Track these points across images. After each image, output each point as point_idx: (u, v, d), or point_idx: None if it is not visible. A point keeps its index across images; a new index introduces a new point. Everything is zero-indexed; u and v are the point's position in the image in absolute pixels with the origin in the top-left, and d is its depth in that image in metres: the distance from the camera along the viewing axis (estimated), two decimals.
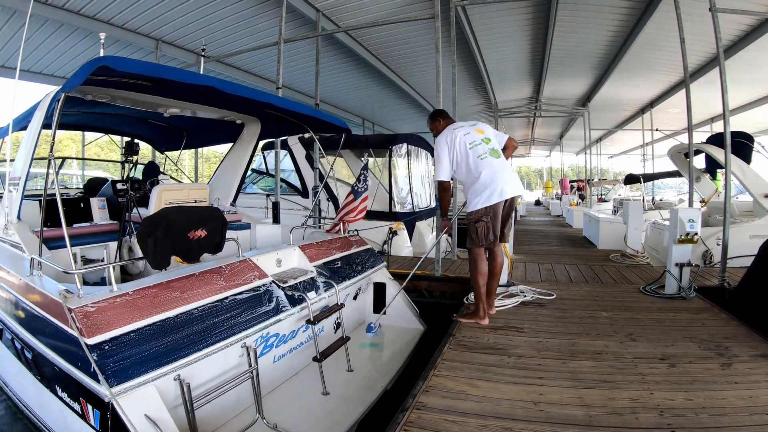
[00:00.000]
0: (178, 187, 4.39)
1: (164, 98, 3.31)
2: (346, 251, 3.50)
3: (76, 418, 1.78)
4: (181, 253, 2.28)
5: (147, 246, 2.10)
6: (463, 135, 3.39)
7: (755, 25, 7.39)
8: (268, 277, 2.57)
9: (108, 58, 2.06)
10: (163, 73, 2.46)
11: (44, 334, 1.93)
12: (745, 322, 3.28)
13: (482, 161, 3.30)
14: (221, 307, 2.18)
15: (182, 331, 1.94)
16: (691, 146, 5.38)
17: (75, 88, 2.13)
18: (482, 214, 3.27)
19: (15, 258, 2.57)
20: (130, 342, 1.76)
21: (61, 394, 1.87)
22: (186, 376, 1.86)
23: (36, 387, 2.11)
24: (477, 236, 3.28)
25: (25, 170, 2.70)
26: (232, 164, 4.49)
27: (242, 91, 2.88)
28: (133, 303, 1.89)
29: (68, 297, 1.83)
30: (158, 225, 2.13)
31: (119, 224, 3.85)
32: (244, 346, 2.19)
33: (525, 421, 2.02)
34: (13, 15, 6.86)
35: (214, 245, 2.41)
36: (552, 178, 33.80)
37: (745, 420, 1.98)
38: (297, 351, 2.77)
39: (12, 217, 2.76)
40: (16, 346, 2.21)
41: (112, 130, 5.31)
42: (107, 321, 1.76)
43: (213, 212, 2.52)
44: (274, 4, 7.20)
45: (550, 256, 6.70)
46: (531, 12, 8.14)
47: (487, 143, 3.38)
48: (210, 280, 2.27)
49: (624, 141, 22.77)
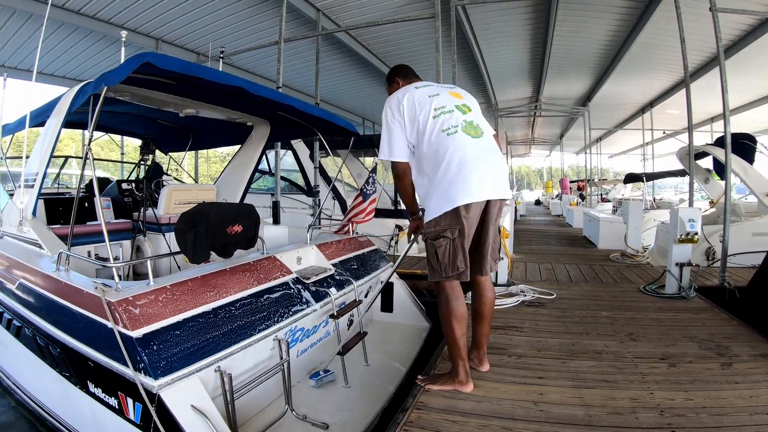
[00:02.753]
0: (187, 187, 4.44)
1: (184, 98, 3.33)
2: (358, 251, 3.58)
3: (110, 413, 1.79)
4: (218, 248, 2.34)
5: (186, 241, 2.13)
6: (428, 96, 2.24)
7: (755, 24, 7.38)
8: (292, 274, 2.66)
9: (151, 55, 2.07)
10: (200, 73, 2.48)
11: (77, 329, 1.93)
12: (748, 323, 3.26)
13: (448, 138, 2.13)
14: (255, 301, 2.25)
15: (220, 325, 1.99)
16: (691, 146, 5.39)
17: (118, 83, 2.11)
18: (444, 227, 2.10)
19: (32, 254, 2.57)
20: (173, 335, 1.79)
21: (94, 390, 1.88)
22: (225, 368, 1.91)
23: (59, 384, 2.10)
24: (438, 262, 2.13)
25: (42, 167, 2.71)
26: (240, 166, 4.50)
27: (268, 93, 2.90)
28: (172, 297, 1.93)
29: (106, 290, 1.84)
30: (199, 220, 2.17)
31: (131, 223, 3.87)
32: (276, 339, 2.26)
33: (525, 420, 2.02)
34: (12, 14, 6.86)
35: (247, 241, 2.51)
36: (552, 177, 33.80)
37: (745, 420, 1.98)
38: (318, 345, 2.85)
39: (27, 214, 2.76)
40: (39, 342, 2.19)
41: (117, 129, 5.30)
42: (149, 314, 1.78)
43: (248, 209, 2.59)
44: (274, 4, 7.20)
45: (550, 256, 6.70)
46: (531, 12, 8.14)
47: (464, 112, 2.24)
48: (241, 275, 2.34)
49: (624, 141, 22.76)
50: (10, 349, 2.53)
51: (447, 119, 2.19)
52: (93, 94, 2.34)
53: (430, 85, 2.38)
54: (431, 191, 2.17)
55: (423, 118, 2.18)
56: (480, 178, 2.11)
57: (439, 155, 2.13)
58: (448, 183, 2.10)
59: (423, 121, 2.18)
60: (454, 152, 2.11)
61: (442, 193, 2.11)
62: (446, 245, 2.11)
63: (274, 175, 6.66)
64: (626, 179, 13.07)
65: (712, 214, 6.54)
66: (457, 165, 2.09)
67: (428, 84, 2.39)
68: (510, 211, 4.67)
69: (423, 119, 2.18)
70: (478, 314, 2.43)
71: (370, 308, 3.59)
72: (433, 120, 2.17)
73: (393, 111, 2.26)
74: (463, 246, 2.12)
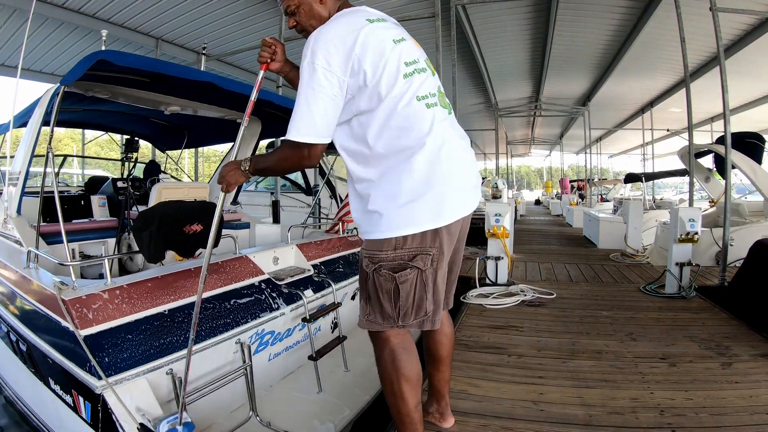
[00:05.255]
0: (178, 185, 4.38)
1: (164, 95, 3.30)
2: (345, 251, 3.49)
3: (68, 410, 1.79)
4: (175, 248, 2.29)
5: (142, 240, 2.11)
6: (392, 40, 1.39)
7: (756, 24, 7.38)
8: (264, 275, 2.58)
9: (106, 52, 2.07)
10: (161, 69, 2.45)
11: (39, 326, 1.94)
12: (743, 321, 3.29)
13: (427, 112, 1.40)
14: (216, 302, 2.20)
15: (176, 326, 1.95)
16: (691, 146, 5.39)
17: (74, 82, 2.13)
18: (413, 252, 1.39)
19: (13, 252, 2.58)
20: (124, 335, 1.77)
21: (54, 387, 1.88)
22: (178, 371, 1.85)
23: (30, 380, 2.11)
24: (393, 304, 1.42)
25: (24, 166, 2.71)
26: None
27: (241, 88, 2.87)
28: (128, 296, 1.90)
29: (63, 289, 1.83)
30: (153, 219, 2.15)
31: (118, 221, 3.85)
32: (239, 343, 2.20)
33: (525, 420, 2.02)
34: (13, 13, 6.85)
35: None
36: (552, 177, 33.80)
37: (745, 419, 1.98)
38: (293, 350, 2.76)
39: (11, 212, 2.76)
40: (12, 338, 2.22)
41: (113, 128, 5.31)
42: (100, 314, 1.77)
43: (208, 207, 2.53)
44: (274, 3, 7.19)
45: (550, 256, 6.70)
46: (531, 11, 8.13)
47: (434, 74, 1.52)
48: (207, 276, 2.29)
49: (624, 140, 22.77)
50: None
51: (423, 81, 1.42)
52: (55, 93, 2.38)
53: (385, 19, 1.47)
54: (393, 192, 1.37)
55: (388, 76, 1.34)
56: (469, 181, 1.49)
57: (411, 137, 1.36)
58: (427, 184, 1.36)
59: (388, 80, 1.34)
60: (438, 137, 1.38)
61: (415, 198, 1.36)
62: (413, 280, 1.40)
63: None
64: (626, 179, 13.07)
65: (713, 214, 6.54)
66: (446, 158, 1.38)
67: (382, 17, 1.46)
68: (510, 211, 4.66)
69: (388, 77, 1.34)
70: (435, 358, 1.81)
71: (354, 311, 3.55)
72: (404, 80, 1.37)
73: (330, 58, 1.30)
74: (436, 280, 1.45)
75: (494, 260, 4.45)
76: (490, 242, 4.53)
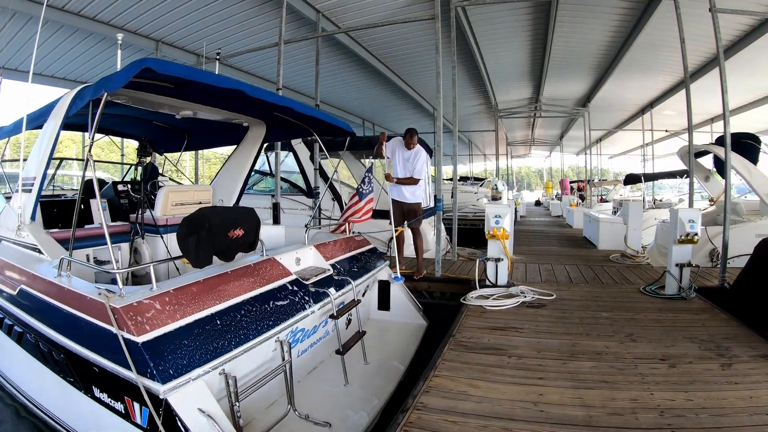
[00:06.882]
0: (184, 188, 4.44)
1: (182, 101, 3.34)
2: (354, 250, 3.60)
3: (115, 418, 1.81)
4: (220, 252, 2.35)
5: (189, 245, 2.13)
6: None
7: (755, 25, 7.39)
8: (292, 275, 2.67)
9: (151, 61, 2.09)
10: (197, 77, 2.49)
11: (81, 335, 1.93)
12: (743, 322, 3.28)
13: None
14: (257, 304, 2.27)
15: (224, 328, 2.00)
16: (691, 146, 5.41)
17: (118, 89, 2.12)
18: None
19: (32, 260, 2.56)
20: (178, 340, 1.80)
21: (99, 395, 1.88)
22: (230, 370, 1.92)
23: (61, 389, 2.10)
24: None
25: (41, 170, 2.69)
26: (236, 166, 4.51)
27: (265, 95, 2.92)
28: (176, 301, 1.94)
29: (110, 296, 1.84)
30: (200, 225, 2.18)
31: (129, 225, 3.87)
32: (278, 341, 2.28)
33: (525, 421, 2.02)
34: (13, 16, 6.87)
35: (249, 244, 2.53)
36: (552, 178, 33.79)
37: (745, 420, 1.98)
38: (317, 345, 2.87)
39: (26, 219, 2.74)
40: (42, 348, 2.19)
41: (113, 131, 5.31)
42: (154, 320, 1.79)
43: (249, 212, 2.60)
44: (275, 5, 7.21)
45: (550, 257, 6.70)
46: (531, 12, 8.15)
47: None
48: (242, 278, 2.36)
49: (624, 141, 22.77)
50: (12, 354, 2.52)
51: None
52: (92, 99, 2.35)
53: None
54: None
55: None
56: None
57: None
58: None
59: None
60: None
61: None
62: None
63: (274, 176, 6.68)
64: (626, 180, 13.07)
65: (712, 213, 6.54)
66: None
67: None
68: (510, 213, 4.67)
69: None
70: None
71: (368, 307, 3.61)
72: None
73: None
74: None
75: (494, 262, 4.45)
76: (489, 244, 4.53)
